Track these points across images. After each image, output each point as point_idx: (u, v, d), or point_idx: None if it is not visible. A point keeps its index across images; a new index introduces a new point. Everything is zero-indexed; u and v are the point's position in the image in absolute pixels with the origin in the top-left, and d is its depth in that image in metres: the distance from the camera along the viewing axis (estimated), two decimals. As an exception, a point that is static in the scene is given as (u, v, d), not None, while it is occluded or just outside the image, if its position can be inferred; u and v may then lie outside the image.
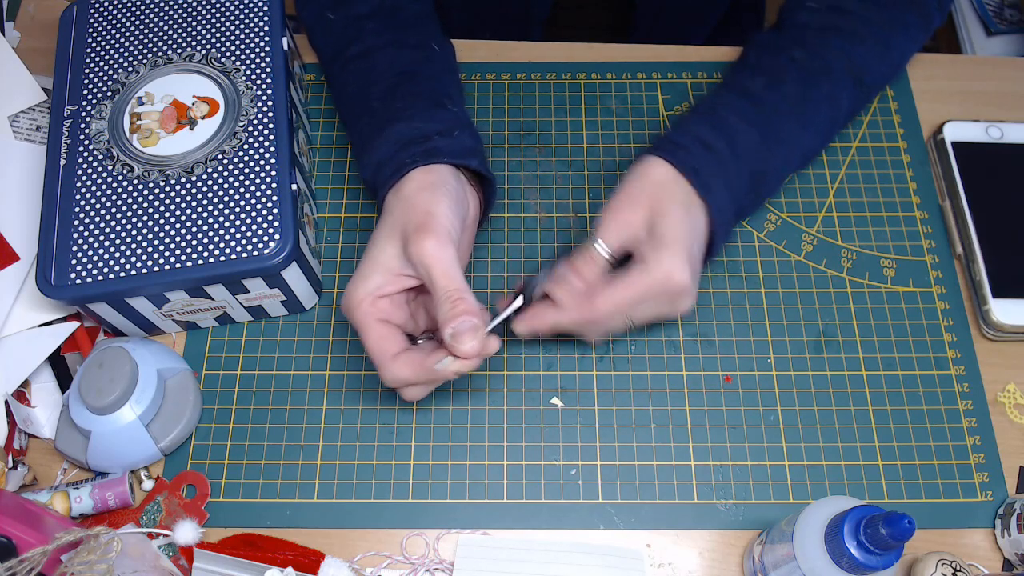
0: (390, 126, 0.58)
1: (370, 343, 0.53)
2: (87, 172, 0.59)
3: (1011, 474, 0.59)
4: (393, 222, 0.54)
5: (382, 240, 0.54)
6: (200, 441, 0.60)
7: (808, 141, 0.63)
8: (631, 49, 0.75)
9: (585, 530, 0.58)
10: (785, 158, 0.62)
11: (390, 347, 0.53)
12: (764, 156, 0.60)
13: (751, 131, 0.60)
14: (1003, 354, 0.63)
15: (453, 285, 0.51)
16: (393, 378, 0.53)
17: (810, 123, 0.63)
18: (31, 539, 0.49)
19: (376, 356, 0.53)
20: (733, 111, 0.61)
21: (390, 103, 0.60)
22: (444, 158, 0.56)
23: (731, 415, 0.61)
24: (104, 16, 0.65)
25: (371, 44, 0.63)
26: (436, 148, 0.56)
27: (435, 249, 0.51)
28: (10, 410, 0.58)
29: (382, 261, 0.53)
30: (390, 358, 0.52)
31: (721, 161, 0.58)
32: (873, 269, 0.66)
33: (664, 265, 0.53)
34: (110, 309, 0.58)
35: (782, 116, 0.61)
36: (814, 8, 0.65)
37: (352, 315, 0.53)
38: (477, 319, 0.50)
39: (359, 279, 0.54)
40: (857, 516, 0.44)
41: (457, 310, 0.50)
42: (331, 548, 0.57)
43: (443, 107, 0.60)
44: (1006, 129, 0.69)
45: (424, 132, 0.57)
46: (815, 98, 0.62)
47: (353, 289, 0.53)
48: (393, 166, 0.56)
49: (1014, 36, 0.98)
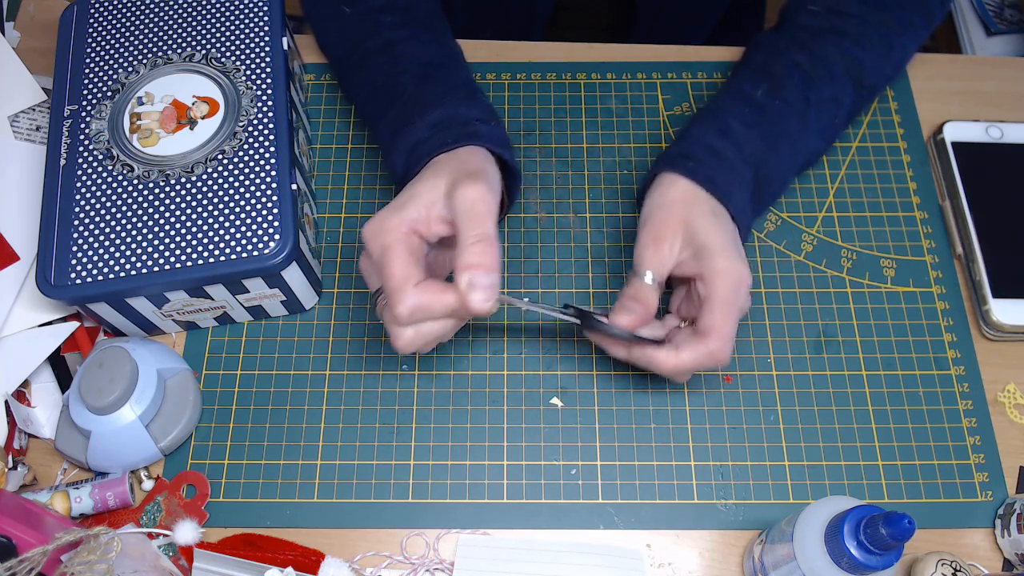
0: (429, 111, 0.58)
1: (394, 266, 0.50)
2: (87, 172, 0.59)
3: (1011, 474, 0.59)
4: (440, 169, 0.53)
5: (427, 180, 0.52)
6: (200, 441, 0.60)
7: (811, 144, 0.63)
8: (631, 49, 0.75)
9: (585, 530, 0.58)
10: (789, 161, 0.62)
11: (414, 273, 0.50)
12: (768, 159, 0.60)
13: (754, 135, 0.60)
14: (1003, 354, 0.63)
15: (489, 232, 0.49)
16: (412, 305, 0.49)
17: (812, 126, 0.63)
18: (31, 539, 0.49)
19: (398, 280, 0.50)
20: (736, 116, 0.61)
21: (422, 91, 0.60)
22: (485, 142, 0.56)
23: (731, 415, 0.61)
24: (104, 16, 0.65)
25: (391, 37, 0.63)
26: (478, 132, 0.56)
27: (482, 194, 0.50)
28: (10, 410, 0.58)
29: (423, 196, 0.51)
30: (414, 284, 0.50)
31: (732, 167, 0.58)
32: (873, 269, 0.66)
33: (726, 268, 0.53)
34: (110, 309, 0.58)
35: (785, 120, 0.61)
36: (815, 11, 0.65)
37: (380, 238, 0.51)
38: (497, 277, 0.49)
39: (394, 208, 0.51)
40: (857, 516, 0.44)
41: (484, 258, 0.49)
42: (331, 548, 0.57)
43: (476, 97, 0.61)
44: (1006, 129, 0.69)
45: (464, 117, 0.58)
46: (817, 102, 0.62)
47: (386, 215, 0.51)
48: (433, 144, 0.55)
49: (1014, 36, 0.98)
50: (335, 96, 0.73)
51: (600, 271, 0.66)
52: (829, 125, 0.64)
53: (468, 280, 0.48)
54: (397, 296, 0.49)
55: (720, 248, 0.54)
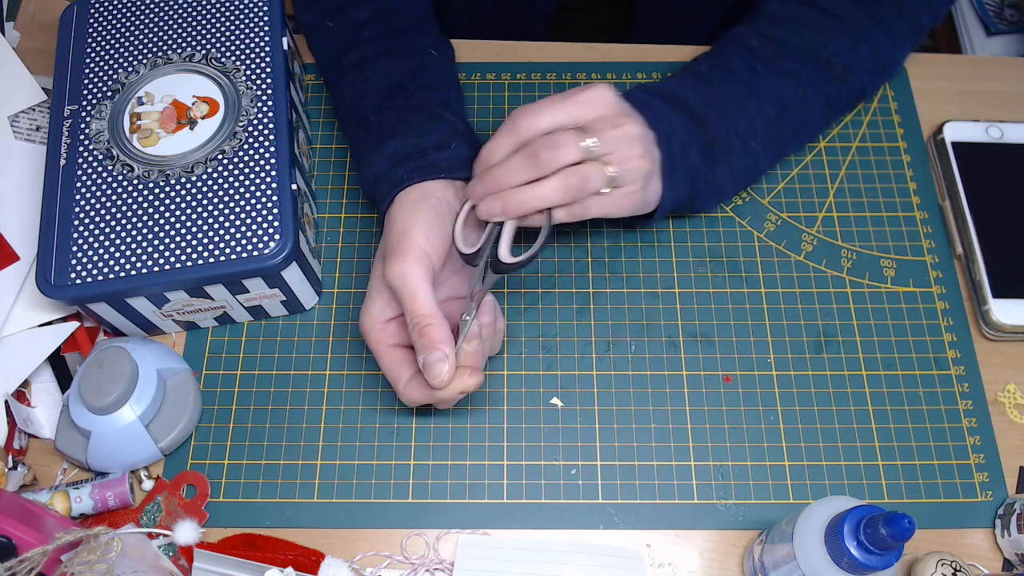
0: (385, 142, 0.58)
1: (384, 368, 0.55)
2: (87, 172, 0.59)
3: (1011, 474, 0.59)
4: (381, 245, 0.56)
5: (375, 264, 0.56)
6: (200, 441, 0.60)
7: (771, 111, 0.62)
8: (631, 49, 0.75)
9: (585, 530, 0.58)
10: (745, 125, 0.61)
11: (403, 372, 0.54)
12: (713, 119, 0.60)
13: (688, 94, 0.60)
14: (1003, 354, 0.63)
15: (421, 311, 0.51)
16: (409, 399, 0.54)
17: (767, 93, 0.62)
18: (31, 539, 0.49)
19: (391, 380, 0.55)
20: (672, 81, 0.62)
21: (384, 117, 0.60)
22: (441, 174, 0.56)
23: (731, 415, 0.61)
24: (104, 16, 0.65)
25: (366, 54, 0.63)
26: (433, 163, 0.56)
27: (404, 272, 0.51)
28: (10, 410, 0.58)
29: (374, 288, 0.55)
30: (404, 383, 0.54)
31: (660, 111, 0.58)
32: (873, 269, 0.66)
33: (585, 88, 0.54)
34: (110, 309, 0.58)
35: (729, 85, 0.61)
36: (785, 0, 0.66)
37: (366, 340, 0.55)
38: (446, 348, 0.50)
39: (366, 304, 0.56)
40: (857, 516, 0.44)
41: (424, 340, 0.51)
42: (331, 548, 0.57)
43: (439, 118, 0.60)
44: (1006, 129, 0.69)
45: (419, 147, 0.57)
46: (766, 73, 0.62)
47: (364, 314, 0.55)
48: (390, 182, 0.56)
49: (1014, 36, 0.98)
50: (335, 96, 0.73)
51: (600, 271, 0.66)
52: (796, 96, 0.63)
53: (422, 362, 0.51)
54: (400, 392, 0.54)
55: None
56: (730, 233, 0.67)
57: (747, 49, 0.64)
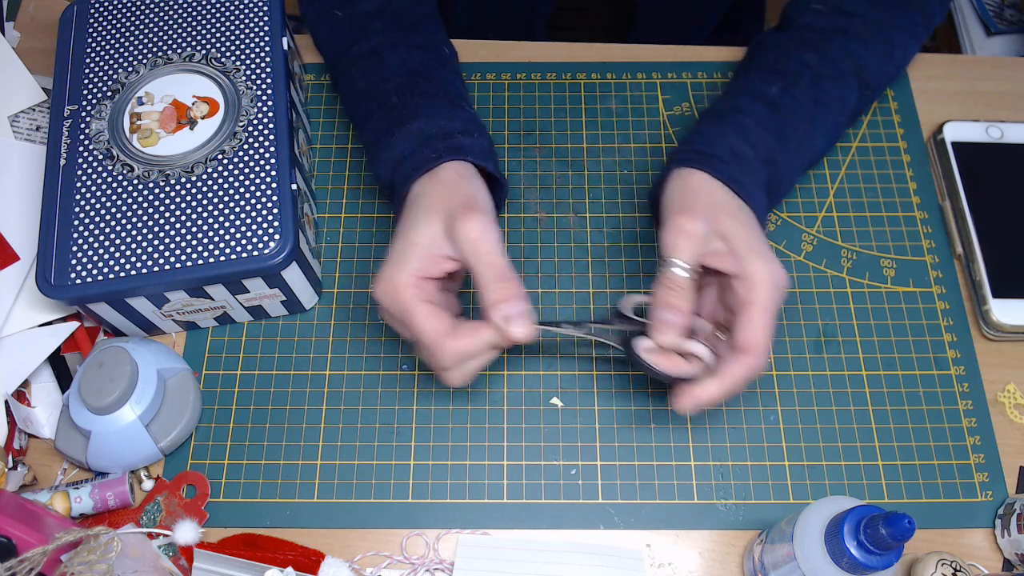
0: (411, 122, 0.58)
1: (423, 324, 0.51)
2: (87, 172, 0.59)
3: (1011, 474, 0.59)
4: (431, 204, 0.53)
5: (421, 222, 0.52)
6: (200, 441, 0.60)
7: (819, 144, 0.63)
8: (631, 49, 0.75)
9: (585, 530, 0.58)
10: (796, 160, 0.62)
11: (444, 325, 0.51)
12: (779, 159, 0.60)
13: (767, 135, 0.59)
14: (1003, 354, 0.63)
15: (500, 265, 0.50)
16: (453, 354, 0.51)
17: (820, 126, 0.63)
18: (31, 539, 0.49)
19: (431, 336, 0.51)
20: (751, 116, 0.60)
21: (407, 100, 0.60)
22: (468, 156, 0.56)
23: (731, 415, 0.61)
24: (104, 16, 0.65)
25: (378, 43, 0.63)
26: (460, 145, 0.56)
27: (483, 228, 0.50)
28: (10, 410, 0.58)
29: (422, 243, 0.52)
30: (449, 335, 0.51)
31: (752, 168, 0.57)
32: (873, 269, 0.66)
33: (767, 269, 0.51)
34: (110, 309, 0.58)
35: (796, 120, 0.61)
36: (820, 10, 0.65)
37: (396, 298, 0.51)
38: (527, 304, 0.50)
39: (399, 262, 0.52)
40: (857, 516, 0.44)
41: (509, 291, 0.50)
42: (331, 548, 0.57)
43: (460, 107, 0.60)
44: (1006, 129, 0.69)
45: (446, 130, 0.57)
46: (825, 102, 0.62)
47: (393, 272, 0.52)
48: (417, 160, 0.56)
49: (1014, 36, 0.98)
50: (335, 96, 0.73)
51: (600, 271, 0.66)
52: (835, 125, 0.64)
53: (503, 315, 0.50)
54: (437, 350, 0.51)
55: (759, 248, 0.52)
56: (730, 233, 0.67)
57: (809, 69, 0.62)
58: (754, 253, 0.52)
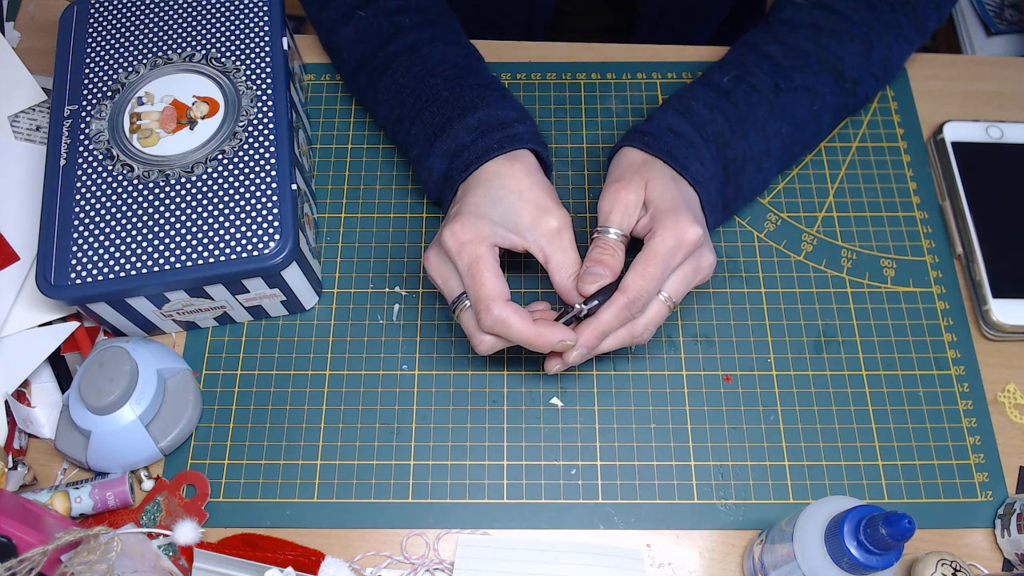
0: (468, 114, 0.59)
1: (490, 279, 0.52)
2: (87, 172, 0.59)
3: (1011, 474, 0.59)
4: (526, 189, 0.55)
5: (518, 199, 0.55)
6: (200, 441, 0.60)
7: (786, 131, 0.63)
8: (631, 49, 0.75)
9: (585, 530, 0.58)
10: (759, 146, 0.62)
11: (506, 291, 0.53)
12: (733, 142, 0.60)
13: (716, 117, 0.61)
14: (1003, 354, 0.63)
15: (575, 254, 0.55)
16: (499, 319, 0.52)
17: (785, 113, 0.62)
18: (31, 539, 0.49)
19: (490, 293, 0.52)
20: (699, 100, 0.62)
21: (459, 93, 0.61)
22: (527, 144, 0.58)
23: (731, 415, 0.61)
24: (104, 16, 0.65)
25: (417, 38, 0.64)
26: (519, 134, 0.58)
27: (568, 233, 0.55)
28: (10, 410, 0.58)
29: (513, 218, 0.54)
30: (504, 300, 0.52)
31: (691, 143, 0.59)
32: (873, 269, 0.66)
33: (671, 226, 0.53)
34: (110, 309, 0.58)
35: (752, 105, 0.62)
36: (800, 4, 0.66)
37: (472, 247, 0.53)
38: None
39: (483, 216, 0.54)
40: (857, 516, 0.44)
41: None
42: (331, 548, 0.57)
43: (509, 96, 0.62)
44: (1006, 129, 0.69)
45: (503, 119, 0.59)
46: (788, 88, 0.63)
47: (476, 223, 0.53)
48: (479, 149, 0.57)
49: (1014, 36, 0.98)
50: (335, 96, 0.73)
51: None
52: (809, 114, 0.64)
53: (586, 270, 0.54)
54: (487, 306, 0.52)
55: (671, 206, 0.54)
56: (730, 233, 0.67)
57: (769, 60, 0.63)
58: (664, 212, 0.54)
